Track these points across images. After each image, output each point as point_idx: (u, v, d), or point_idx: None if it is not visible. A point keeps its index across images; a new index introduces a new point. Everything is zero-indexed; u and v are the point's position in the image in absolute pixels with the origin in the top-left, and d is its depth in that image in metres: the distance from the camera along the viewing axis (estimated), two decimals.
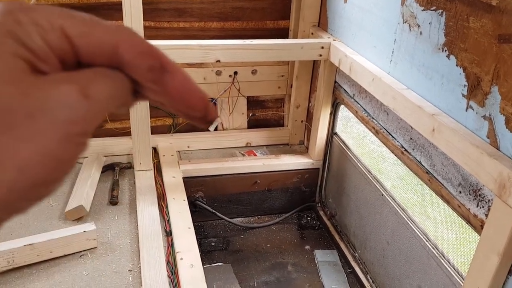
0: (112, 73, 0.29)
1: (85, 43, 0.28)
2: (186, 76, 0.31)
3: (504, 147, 1.21)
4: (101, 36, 0.28)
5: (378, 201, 1.96)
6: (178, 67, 0.30)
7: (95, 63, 0.28)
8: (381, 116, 1.85)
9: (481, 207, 1.33)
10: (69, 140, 0.26)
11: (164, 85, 0.30)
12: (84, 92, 0.27)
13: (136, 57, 0.28)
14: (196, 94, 0.31)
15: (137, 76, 0.29)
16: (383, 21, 1.74)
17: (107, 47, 0.28)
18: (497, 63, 1.21)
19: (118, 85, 0.29)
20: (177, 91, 0.30)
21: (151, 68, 0.29)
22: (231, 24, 2.40)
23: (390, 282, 1.92)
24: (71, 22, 0.27)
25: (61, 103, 0.26)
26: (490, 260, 1.21)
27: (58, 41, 0.27)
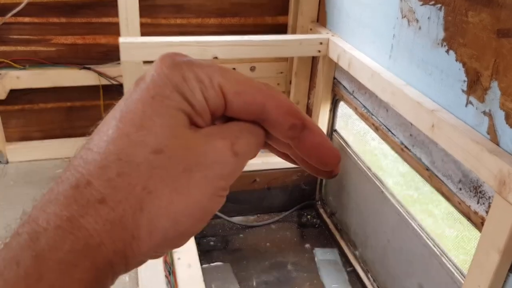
0: (255, 129, 0.30)
1: (238, 101, 0.29)
2: (323, 134, 0.32)
3: (504, 143, 1.19)
4: (253, 95, 0.29)
5: (378, 198, 1.94)
6: (316, 125, 0.31)
7: (241, 118, 0.30)
8: (380, 112, 1.83)
9: (482, 204, 1.31)
10: (216, 194, 0.29)
11: (301, 142, 0.31)
12: (233, 148, 0.29)
13: (281, 116, 0.30)
14: (331, 152, 0.32)
15: (277, 133, 0.31)
16: (382, 16, 1.72)
17: (256, 106, 0.29)
18: (497, 57, 1.19)
19: (259, 140, 0.31)
20: (313, 148, 0.31)
21: (292, 127, 0.30)
22: (229, 20, 2.38)
23: (391, 281, 1.91)
24: (228, 80, 0.29)
25: (215, 159, 0.28)
26: (491, 257, 1.19)
27: (216, 98, 0.28)
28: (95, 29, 2.22)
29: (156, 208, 0.26)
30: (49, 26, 2.18)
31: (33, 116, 2.35)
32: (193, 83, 0.28)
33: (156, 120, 0.27)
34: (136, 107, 0.27)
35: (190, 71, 0.28)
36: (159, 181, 0.26)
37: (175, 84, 0.27)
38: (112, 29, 2.21)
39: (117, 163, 0.26)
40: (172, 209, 0.26)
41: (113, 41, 2.23)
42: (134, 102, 0.27)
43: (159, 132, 0.27)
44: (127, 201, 0.25)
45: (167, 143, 0.27)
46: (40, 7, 2.12)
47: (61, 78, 2.24)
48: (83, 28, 2.20)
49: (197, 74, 0.28)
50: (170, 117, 0.27)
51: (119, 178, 0.26)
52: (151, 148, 0.26)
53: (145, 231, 0.26)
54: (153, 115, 0.27)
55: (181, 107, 0.27)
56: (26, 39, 2.17)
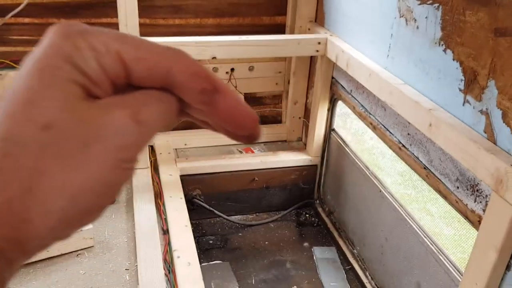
0: (163, 96, 0.28)
1: (139, 67, 0.27)
2: (236, 96, 0.30)
3: (501, 142, 1.20)
4: (156, 60, 0.28)
5: (376, 197, 1.95)
6: (228, 88, 0.30)
7: (146, 86, 0.28)
8: (378, 111, 1.84)
9: (479, 202, 1.33)
10: (119, 166, 0.27)
11: (214, 106, 0.29)
12: (136, 117, 0.27)
13: (189, 80, 0.28)
14: (246, 113, 0.30)
15: (188, 98, 0.29)
16: (379, 15, 1.73)
17: (160, 70, 0.28)
18: (494, 57, 1.20)
19: (168, 107, 0.29)
20: (227, 111, 0.29)
21: (203, 91, 0.28)
22: (227, 20, 2.38)
23: (388, 279, 1.92)
24: (126, 46, 0.27)
25: (115, 129, 0.26)
26: (488, 256, 1.20)
27: (113, 65, 0.27)
28: None
29: (49, 188, 0.24)
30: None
31: None
32: (87, 52, 0.26)
33: (45, 94, 0.25)
34: (24, 82, 0.25)
35: (83, 40, 0.26)
36: (51, 159, 0.25)
37: (66, 54, 0.26)
38: None
39: (2, 144, 0.24)
40: (68, 186, 0.25)
41: None
42: (22, 77, 0.26)
43: (48, 107, 0.25)
44: (14, 183, 0.24)
45: (58, 117, 0.25)
46: (40, 8, 2.12)
47: None
48: None
49: (91, 43, 0.26)
50: (61, 89, 0.25)
51: (5, 160, 0.24)
52: (40, 125, 0.24)
53: (37, 213, 0.24)
54: (42, 88, 0.25)
55: (73, 78, 0.26)
56: (26, 40, 2.17)
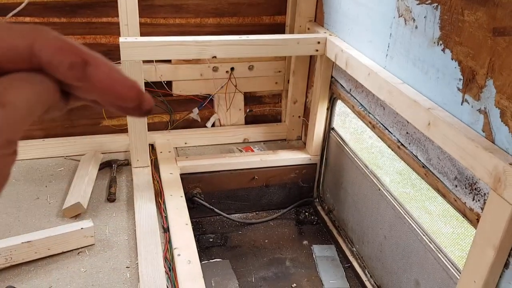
0: (31, 77, 0.27)
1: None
2: (111, 66, 0.28)
3: (499, 141, 1.21)
4: (13, 40, 0.26)
5: (375, 196, 1.96)
6: (101, 59, 0.28)
7: (16, 69, 0.27)
8: (377, 110, 1.85)
9: (477, 200, 1.34)
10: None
11: (89, 80, 0.27)
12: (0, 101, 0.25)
13: (54, 55, 0.27)
14: (124, 83, 0.28)
15: (59, 76, 0.27)
16: (378, 15, 1.74)
17: (21, 50, 0.26)
18: (492, 56, 1.21)
19: (39, 88, 0.27)
20: (103, 83, 0.28)
21: (72, 65, 0.27)
22: (227, 20, 2.39)
23: (387, 276, 1.93)
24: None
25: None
26: (486, 254, 1.21)
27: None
28: (95, 29, 2.23)
29: None
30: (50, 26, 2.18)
31: None
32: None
33: None
34: None
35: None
36: None
37: None
38: (112, 29, 2.22)
39: None
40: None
41: (113, 41, 2.24)
42: None
43: None
44: None
45: None
46: (40, 7, 2.13)
47: None
48: (84, 28, 2.22)
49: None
50: None
51: None
52: None
53: None
54: None
55: None
56: None
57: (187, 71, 2.40)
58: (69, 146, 2.33)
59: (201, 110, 2.54)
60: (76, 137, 2.37)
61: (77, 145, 2.35)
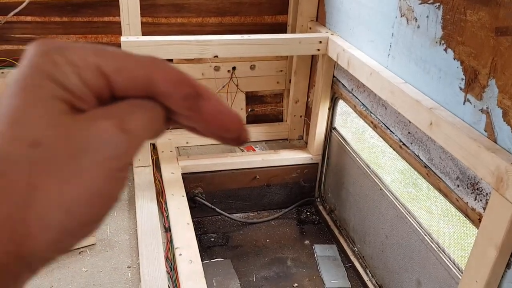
0: (147, 104, 0.29)
1: (120, 78, 0.28)
2: (219, 100, 0.31)
3: (501, 141, 1.21)
4: (135, 70, 0.28)
5: (377, 195, 1.96)
6: (211, 92, 0.30)
7: (130, 96, 0.28)
8: (379, 110, 1.85)
9: (479, 200, 1.33)
10: (112, 176, 0.27)
11: (198, 111, 0.30)
12: (122, 127, 0.27)
13: (171, 86, 0.29)
14: (231, 116, 0.31)
15: (172, 105, 0.29)
16: (380, 15, 1.74)
17: (141, 80, 0.28)
18: (494, 56, 1.21)
19: (154, 115, 0.29)
20: (212, 116, 0.30)
21: (186, 97, 0.29)
22: (229, 19, 2.39)
23: (389, 276, 1.93)
24: (105, 58, 0.28)
25: (101, 140, 0.26)
26: (488, 254, 1.21)
27: (94, 78, 0.27)
28: (97, 28, 2.23)
29: (45, 202, 0.25)
30: (51, 25, 2.19)
31: None
32: (66, 68, 0.26)
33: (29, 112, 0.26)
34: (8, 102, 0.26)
35: (60, 56, 0.27)
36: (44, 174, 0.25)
37: (46, 71, 0.26)
38: (114, 28, 2.22)
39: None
40: (64, 199, 0.25)
41: (114, 40, 2.24)
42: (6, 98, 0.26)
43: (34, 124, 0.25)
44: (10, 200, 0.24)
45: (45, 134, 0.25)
46: (42, 6, 2.13)
47: None
48: (85, 27, 2.22)
49: (69, 58, 0.27)
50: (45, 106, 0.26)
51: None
52: (28, 142, 0.25)
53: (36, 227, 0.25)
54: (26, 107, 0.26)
55: (56, 94, 0.26)
56: (28, 38, 2.18)
57: (188, 70, 2.39)
58: None
59: None
60: None
61: None
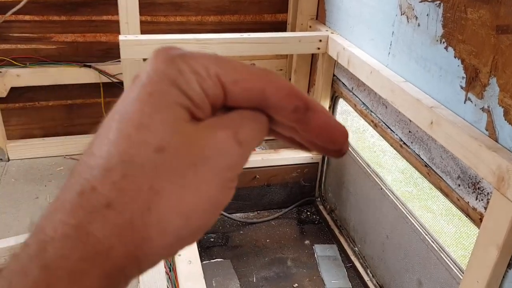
0: (258, 116, 0.30)
1: (237, 89, 0.28)
2: (327, 112, 0.31)
3: (503, 140, 1.20)
4: (251, 82, 0.29)
5: (377, 195, 1.95)
6: (320, 105, 0.31)
7: (241, 106, 0.29)
8: (379, 109, 1.84)
9: (480, 200, 1.32)
10: (225, 186, 0.28)
11: (306, 123, 0.30)
12: (236, 138, 0.28)
13: (282, 99, 0.29)
14: (338, 128, 0.31)
15: (281, 117, 0.30)
16: (381, 13, 1.73)
17: (256, 92, 0.29)
18: (495, 54, 1.20)
19: (261, 126, 0.30)
20: (320, 128, 0.30)
21: (296, 109, 0.29)
22: (229, 17, 2.38)
23: (390, 276, 1.92)
24: (225, 69, 0.28)
25: (219, 151, 0.27)
26: (489, 253, 1.20)
27: (214, 88, 0.28)
28: (96, 27, 2.22)
29: (165, 207, 0.25)
30: (50, 24, 2.18)
31: (34, 114, 2.35)
32: (189, 76, 0.27)
33: (155, 117, 0.26)
34: (134, 106, 0.27)
35: (185, 64, 0.27)
36: (165, 180, 0.26)
37: (171, 78, 0.27)
38: (112, 27, 2.21)
39: (120, 165, 0.25)
40: (183, 206, 0.26)
41: (113, 39, 2.23)
42: (131, 101, 0.27)
43: (159, 130, 0.26)
44: (134, 203, 0.25)
45: (169, 139, 0.26)
46: (40, 5, 2.12)
47: (61, 76, 2.25)
48: (84, 26, 2.21)
49: (192, 66, 0.27)
50: (170, 113, 0.27)
51: (124, 180, 0.25)
52: (154, 147, 0.26)
53: (155, 231, 0.25)
54: (152, 112, 0.26)
55: (179, 101, 0.27)
56: (26, 37, 2.17)
57: None
58: (69, 145, 2.33)
59: None
60: (76, 136, 2.36)
61: (77, 144, 2.34)
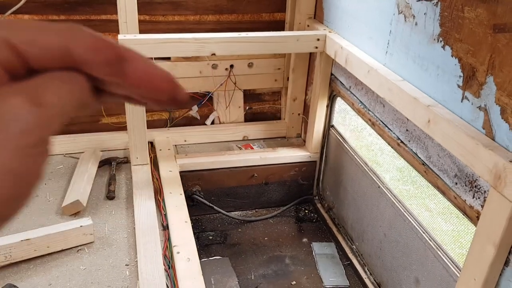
0: (65, 75, 0.27)
1: (33, 50, 0.26)
2: (146, 60, 0.29)
3: (499, 138, 1.21)
4: (49, 39, 0.26)
5: (375, 193, 1.95)
6: (136, 54, 0.28)
7: (49, 68, 0.27)
8: (377, 108, 1.84)
9: (477, 198, 1.33)
10: (25, 152, 0.25)
11: (125, 75, 0.28)
12: (36, 101, 0.25)
13: (89, 53, 0.27)
14: (160, 75, 0.29)
15: (95, 73, 0.28)
16: (378, 12, 1.74)
17: (57, 49, 0.26)
18: (492, 53, 1.21)
19: (73, 86, 0.27)
20: (139, 78, 0.28)
21: (107, 62, 0.27)
22: (227, 17, 2.39)
23: (387, 274, 1.93)
24: (15, 31, 0.26)
25: (12, 116, 0.25)
26: (486, 251, 1.21)
27: (3, 53, 0.26)
28: (94, 26, 2.22)
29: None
30: None
31: None
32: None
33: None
34: None
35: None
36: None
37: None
38: (111, 27, 2.21)
39: None
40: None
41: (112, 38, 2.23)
42: None
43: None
44: None
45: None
46: (39, 5, 2.12)
47: None
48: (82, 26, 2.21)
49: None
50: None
51: None
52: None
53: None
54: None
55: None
56: None
57: (186, 68, 2.39)
58: (68, 143, 2.33)
59: (200, 107, 2.54)
60: (76, 134, 2.37)
61: (76, 143, 2.34)
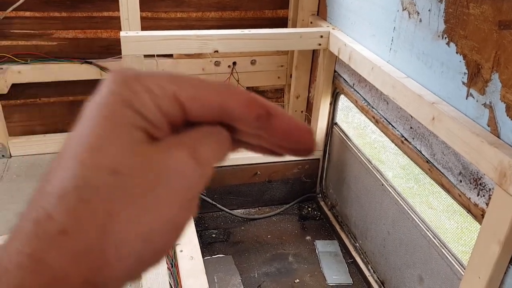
0: (217, 131, 0.29)
1: (195, 105, 0.28)
2: (289, 116, 0.31)
3: (504, 135, 1.20)
4: (210, 96, 0.29)
5: (378, 191, 1.95)
6: (281, 109, 0.31)
7: (203, 122, 0.29)
8: (381, 105, 1.83)
9: (482, 196, 1.32)
10: (185, 206, 0.27)
11: (271, 129, 0.30)
12: (194, 156, 0.28)
13: (244, 110, 0.29)
14: (302, 128, 0.31)
15: (245, 127, 0.30)
16: (382, 9, 1.72)
17: (215, 106, 0.29)
18: (498, 50, 1.19)
19: (221, 141, 0.30)
20: (284, 131, 0.30)
21: (258, 117, 0.29)
22: (229, 13, 2.38)
23: (391, 272, 1.92)
24: (181, 86, 0.28)
25: (177, 171, 0.27)
26: (491, 249, 1.20)
27: (171, 106, 0.27)
28: (96, 23, 2.22)
29: (122, 230, 0.25)
30: (50, 21, 2.18)
31: (36, 110, 2.35)
32: (144, 96, 0.27)
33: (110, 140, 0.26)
34: (89, 130, 0.26)
35: (139, 84, 0.27)
36: (122, 203, 0.25)
37: (125, 99, 0.26)
38: (113, 23, 2.21)
39: (75, 190, 0.25)
40: (141, 229, 0.25)
41: (114, 35, 2.23)
42: (86, 126, 0.26)
43: (114, 152, 0.25)
44: (89, 228, 0.24)
45: (124, 162, 0.25)
46: (41, 2, 2.12)
47: (63, 72, 2.25)
48: (84, 22, 2.21)
49: (147, 86, 0.27)
50: (125, 135, 0.26)
51: (79, 206, 0.24)
52: (108, 170, 0.25)
53: (113, 256, 0.25)
54: (107, 135, 0.26)
55: (135, 123, 0.26)
56: (27, 34, 2.17)
57: (188, 65, 2.38)
58: None
59: None
60: None
61: None
